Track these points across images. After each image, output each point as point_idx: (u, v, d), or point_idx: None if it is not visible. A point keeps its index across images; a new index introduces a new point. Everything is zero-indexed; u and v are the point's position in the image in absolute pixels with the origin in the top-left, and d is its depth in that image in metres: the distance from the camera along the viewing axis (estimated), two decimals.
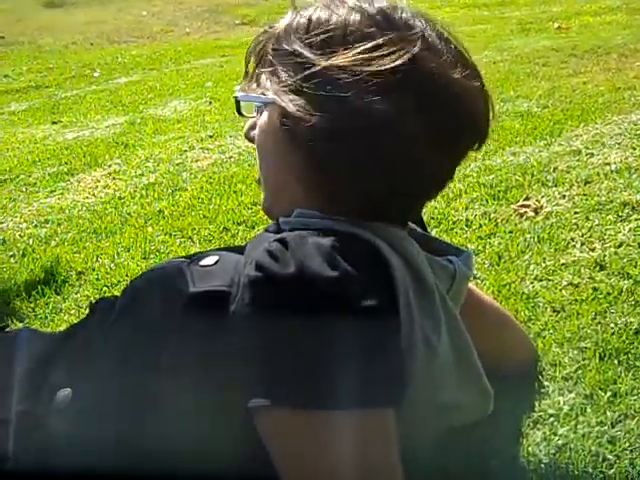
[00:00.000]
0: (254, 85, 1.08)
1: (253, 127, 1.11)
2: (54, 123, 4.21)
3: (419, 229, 1.23)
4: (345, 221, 1.00)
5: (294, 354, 0.87)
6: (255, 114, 1.10)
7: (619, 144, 2.65)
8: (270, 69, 1.04)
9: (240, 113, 1.11)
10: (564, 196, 2.24)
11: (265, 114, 1.06)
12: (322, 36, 1.00)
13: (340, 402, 0.85)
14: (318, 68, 0.97)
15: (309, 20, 1.03)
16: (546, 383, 1.39)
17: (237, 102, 1.11)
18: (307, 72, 0.98)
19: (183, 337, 0.96)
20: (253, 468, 0.90)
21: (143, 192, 2.75)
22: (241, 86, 1.11)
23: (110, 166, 3.15)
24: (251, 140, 1.13)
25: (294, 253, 0.89)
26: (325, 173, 1.00)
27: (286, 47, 1.02)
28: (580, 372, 1.41)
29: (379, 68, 0.96)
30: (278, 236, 0.95)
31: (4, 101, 5.07)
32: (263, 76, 1.05)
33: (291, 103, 0.98)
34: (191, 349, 0.96)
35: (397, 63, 0.97)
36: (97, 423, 0.99)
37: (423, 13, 1.09)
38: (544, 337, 1.53)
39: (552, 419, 1.30)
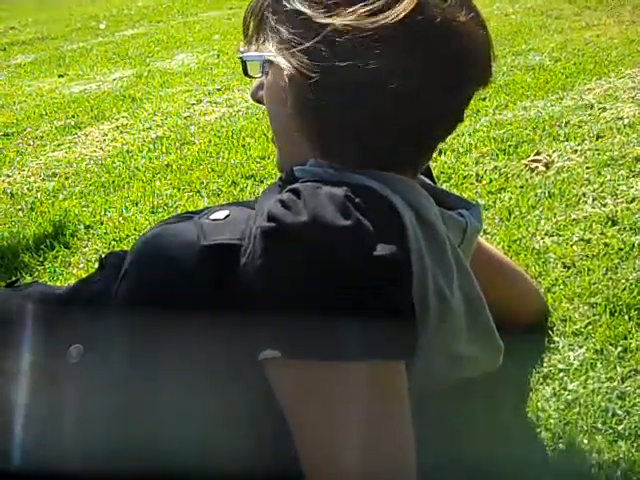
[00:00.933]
0: (256, 45, 1.06)
1: (259, 87, 1.10)
2: (60, 76, 4.18)
3: (429, 181, 1.22)
4: (357, 172, 0.99)
5: (305, 305, 0.86)
6: (260, 74, 1.08)
7: (632, 98, 2.61)
8: (272, 28, 1.02)
9: (246, 74, 1.10)
10: (576, 151, 2.22)
11: (270, 73, 1.04)
12: None
13: (352, 353, 0.85)
14: (318, 26, 0.95)
15: None
16: (556, 338, 1.39)
17: (243, 63, 1.09)
18: (309, 29, 0.96)
19: (193, 291, 0.96)
20: (263, 429, 0.90)
21: (151, 146, 2.73)
22: (243, 47, 1.09)
23: (117, 119, 3.13)
24: (258, 101, 1.11)
25: (307, 203, 0.88)
26: (333, 127, 0.99)
27: (286, 5, 1.00)
28: (590, 327, 1.40)
29: (384, 22, 0.95)
30: (291, 187, 0.94)
31: (11, 53, 5.03)
32: (265, 35, 1.04)
33: (295, 61, 0.97)
34: (201, 303, 0.95)
35: (401, 15, 0.95)
36: (106, 381, 0.99)
37: None
38: (554, 292, 1.52)
39: (562, 374, 1.29)
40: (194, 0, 6.65)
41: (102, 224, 2.11)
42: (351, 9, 0.95)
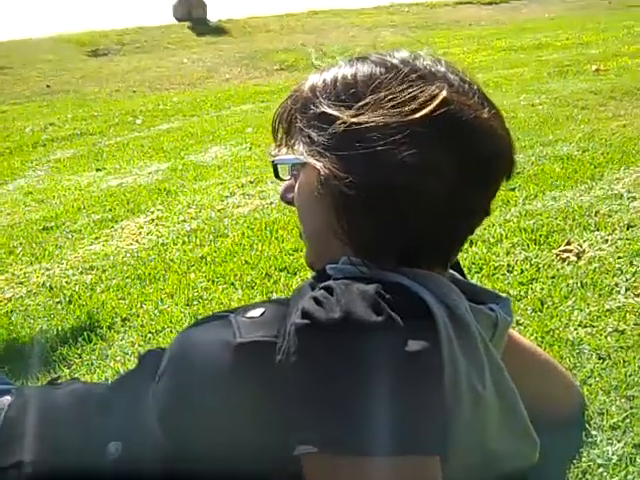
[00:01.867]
0: (287, 149, 1.10)
1: (288, 189, 1.14)
2: (98, 170, 4.29)
3: (459, 276, 1.23)
4: (388, 269, 1.01)
5: (340, 400, 0.88)
6: (289, 177, 1.12)
7: None
8: (301, 131, 1.06)
9: (278, 177, 1.14)
10: (606, 240, 2.23)
11: (302, 175, 1.08)
12: (349, 93, 1.02)
13: (387, 448, 0.85)
14: (348, 125, 0.99)
15: (335, 79, 1.05)
16: (594, 432, 1.37)
17: (274, 166, 1.13)
18: (338, 131, 1.00)
19: (230, 389, 0.98)
20: None
21: (185, 238, 2.78)
22: (274, 150, 1.13)
23: (153, 212, 3.20)
24: (288, 202, 1.15)
25: (339, 299, 0.91)
26: (365, 226, 1.02)
27: (314, 109, 1.04)
28: (628, 421, 1.39)
29: (410, 118, 0.98)
30: (323, 284, 0.96)
31: (50, 149, 5.19)
32: (296, 138, 1.08)
33: (326, 163, 1.00)
34: (238, 401, 0.97)
35: (427, 111, 0.99)
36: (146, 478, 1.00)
37: (442, 59, 1.11)
38: (590, 385, 1.51)
39: (601, 469, 1.28)
40: (226, 94, 6.84)
41: (138, 316, 2.15)
42: (379, 107, 0.99)
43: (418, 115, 0.99)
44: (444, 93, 1.01)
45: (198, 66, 8.69)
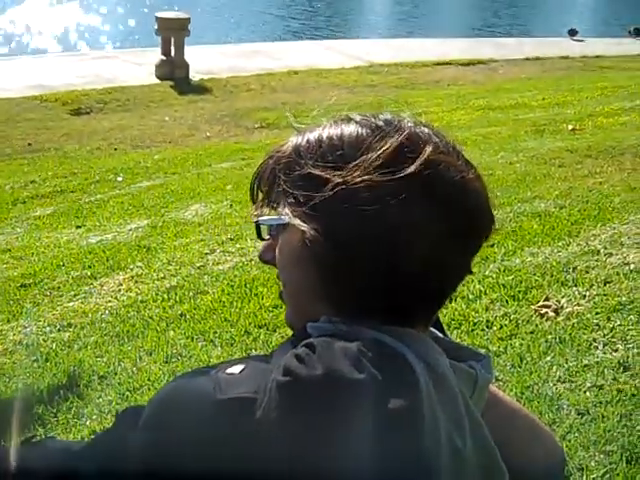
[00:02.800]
0: (269, 209, 1.10)
1: (268, 249, 1.13)
2: (78, 227, 4.29)
3: (439, 333, 1.24)
4: (369, 328, 1.01)
5: (320, 458, 0.87)
6: (269, 237, 1.12)
7: (637, 244, 2.66)
8: (285, 192, 1.06)
9: (260, 237, 1.14)
10: (584, 296, 2.25)
11: (284, 236, 1.08)
12: (336, 154, 1.03)
13: None
14: (335, 186, 1.00)
15: (319, 140, 1.06)
16: None
17: (257, 227, 1.13)
18: (324, 192, 1.00)
19: (209, 445, 0.96)
20: None
21: (165, 295, 2.78)
22: (256, 211, 1.13)
23: (132, 269, 3.19)
24: (266, 262, 1.14)
25: (321, 356, 0.91)
26: (348, 287, 1.02)
27: (299, 169, 1.05)
28: (608, 476, 1.39)
29: (398, 178, 0.99)
30: (305, 341, 0.96)
31: (30, 206, 5.18)
32: (278, 199, 1.08)
33: (311, 224, 1.01)
34: (217, 458, 0.96)
35: (415, 171, 1.00)
36: None
37: (424, 122, 1.13)
38: (569, 440, 1.51)
39: None
40: (208, 152, 6.89)
41: (116, 374, 2.13)
42: (366, 168, 1.00)
43: (406, 175, 1.00)
44: (431, 154, 1.02)
45: (180, 124, 8.76)
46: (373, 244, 0.99)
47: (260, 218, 1.12)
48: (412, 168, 1.01)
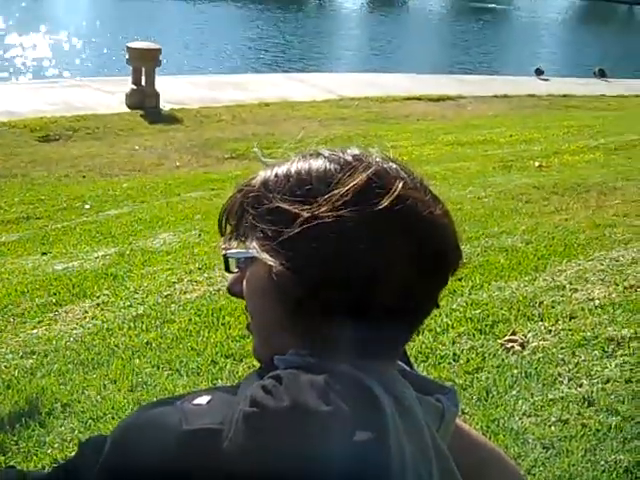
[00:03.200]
0: (237, 242, 1.10)
1: (236, 282, 1.13)
2: (44, 254, 4.24)
3: (406, 367, 1.24)
4: (336, 361, 1.01)
5: None
6: (237, 270, 1.12)
7: (602, 280, 2.70)
8: (253, 225, 1.07)
9: (228, 270, 1.14)
10: (550, 331, 2.27)
11: (252, 269, 1.08)
12: (304, 188, 1.04)
13: None
14: (304, 221, 1.00)
15: (288, 174, 1.07)
16: None
17: (226, 260, 1.13)
18: (291, 226, 1.01)
19: (175, 476, 0.95)
20: None
21: (131, 324, 2.75)
22: (224, 244, 1.13)
23: (99, 297, 3.16)
24: (234, 294, 1.14)
25: (288, 388, 0.91)
26: (316, 321, 1.02)
27: (267, 203, 1.05)
28: None
29: (367, 214, 1.00)
30: (272, 373, 0.96)
31: None
32: (246, 233, 1.08)
33: (279, 259, 1.01)
34: None
35: (383, 207, 1.01)
36: None
37: (393, 157, 1.14)
38: (534, 474, 1.52)
39: None
40: (177, 182, 6.88)
41: (79, 402, 2.10)
42: (335, 203, 1.01)
43: (375, 210, 1.01)
44: (400, 189, 1.03)
45: (149, 153, 8.74)
46: (340, 279, 1.00)
47: (228, 251, 1.12)
48: (383, 203, 1.02)
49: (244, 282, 1.10)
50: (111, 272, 3.55)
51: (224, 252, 1.12)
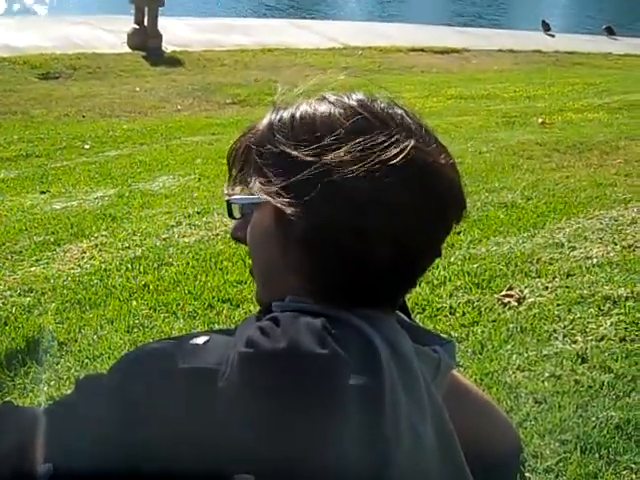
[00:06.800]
0: (240, 187, 1.10)
1: (240, 227, 1.12)
2: (42, 193, 4.23)
3: (405, 317, 1.24)
4: (335, 307, 1.01)
5: (280, 430, 0.88)
6: (239, 215, 1.12)
7: (601, 239, 2.69)
8: (258, 170, 1.06)
9: (231, 215, 1.13)
10: (546, 287, 2.27)
11: (256, 214, 1.08)
12: (308, 133, 1.03)
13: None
14: (307, 165, 1.00)
15: (292, 118, 1.06)
16: (527, 474, 1.39)
17: (229, 205, 1.12)
18: (295, 169, 1.00)
19: (171, 415, 0.96)
20: None
21: (129, 265, 2.75)
22: (227, 189, 1.12)
23: (97, 238, 3.16)
24: (237, 240, 1.14)
25: (285, 330, 0.91)
26: (317, 266, 1.02)
27: (271, 147, 1.05)
28: (561, 465, 1.41)
29: (370, 159, 0.99)
30: (270, 315, 0.96)
31: None
32: (250, 177, 1.07)
33: (282, 203, 1.01)
34: (177, 428, 0.96)
35: (387, 153, 1.00)
36: None
37: (398, 102, 1.12)
38: (526, 428, 1.53)
39: None
40: (177, 125, 6.83)
41: (76, 341, 2.11)
42: (338, 148, 1.00)
43: (380, 158, 1.00)
44: (404, 137, 1.03)
45: (150, 95, 8.65)
46: (346, 223, 1.00)
47: (232, 197, 1.11)
48: (388, 151, 1.01)
49: (248, 227, 1.10)
50: (110, 213, 3.55)
51: (227, 198, 1.12)
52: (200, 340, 1.06)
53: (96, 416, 1.03)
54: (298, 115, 1.06)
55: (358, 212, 0.99)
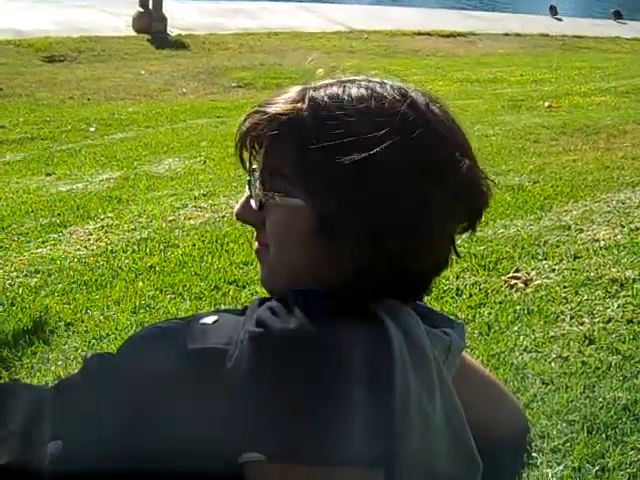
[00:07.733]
0: (261, 173, 1.07)
1: (245, 208, 1.10)
2: (48, 175, 4.23)
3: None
4: (351, 295, 1.00)
5: (289, 410, 0.88)
6: (248, 192, 1.10)
7: (608, 221, 2.68)
8: (281, 157, 1.04)
9: (251, 197, 1.09)
10: (553, 270, 2.26)
11: (280, 208, 1.04)
12: (337, 119, 1.01)
13: (337, 458, 0.85)
14: (333, 153, 0.98)
15: (319, 103, 1.04)
16: (534, 454, 1.39)
17: (249, 182, 1.09)
18: (325, 162, 0.99)
19: (181, 394, 0.97)
20: None
21: (135, 247, 2.75)
22: (250, 177, 1.08)
23: (103, 219, 3.16)
24: (244, 221, 1.11)
25: (296, 311, 0.91)
26: (333, 254, 1.02)
27: (295, 134, 1.03)
28: (568, 445, 1.41)
29: (396, 147, 0.99)
30: (280, 296, 0.97)
31: None
32: (274, 165, 1.04)
33: (307, 192, 1.00)
34: (187, 406, 0.96)
35: (411, 143, 1.00)
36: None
37: (426, 92, 1.13)
38: (532, 409, 1.53)
39: None
40: (183, 108, 6.81)
41: (83, 322, 2.11)
42: (369, 139, 0.98)
43: (405, 146, 1.00)
44: (431, 124, 1.03)
45: (155, 78, 8.64)
46: (361, 212, 0.99)
47: (271, 200, 1.05)
48: (414, 139, 1.00)
49: (270, 221, 1.06)
50: (115, 195, 3.55)
51: (257, 193, 1.07)
52: (209, 320, 1.07)
53: (104, 395, 1.03)
54: (328, 99, 1.04)
55: (389, 204, 0.99)
